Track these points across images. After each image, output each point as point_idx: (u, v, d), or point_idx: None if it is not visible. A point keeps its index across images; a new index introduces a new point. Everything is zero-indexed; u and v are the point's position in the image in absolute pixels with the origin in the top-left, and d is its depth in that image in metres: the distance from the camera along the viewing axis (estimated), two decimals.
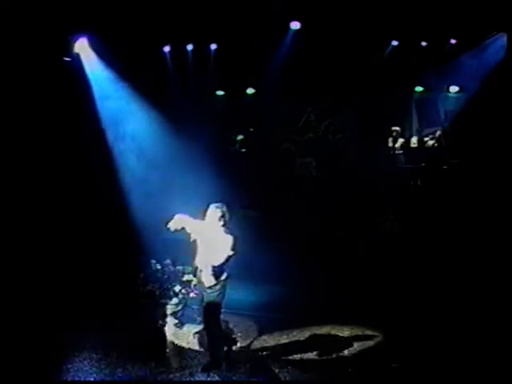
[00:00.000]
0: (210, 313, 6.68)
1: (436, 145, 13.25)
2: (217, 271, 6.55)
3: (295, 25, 12.05)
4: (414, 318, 8.26)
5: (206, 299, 6.67)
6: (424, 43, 12.50)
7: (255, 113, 13.94)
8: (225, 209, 6.69)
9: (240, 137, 14.56)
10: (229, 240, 6.55)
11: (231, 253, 6.54)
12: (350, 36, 11.65)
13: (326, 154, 14.15)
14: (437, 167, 12.73)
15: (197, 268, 6.76)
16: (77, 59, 11.27)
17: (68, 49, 10.98)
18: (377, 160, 13.24)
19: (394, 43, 12.59)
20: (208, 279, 6.60)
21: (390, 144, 13.62)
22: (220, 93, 14.10)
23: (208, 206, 6.72)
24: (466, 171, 11.94)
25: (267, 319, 8.65)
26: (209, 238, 6.62)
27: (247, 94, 14.06)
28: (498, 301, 8.53)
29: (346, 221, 11.98)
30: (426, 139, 13.42)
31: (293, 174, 13.95)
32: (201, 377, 6.67)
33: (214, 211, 6.64)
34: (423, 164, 12.97)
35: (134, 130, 11.73)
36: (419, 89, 13.50)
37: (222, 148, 13.83)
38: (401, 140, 13.62)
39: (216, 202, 6.78)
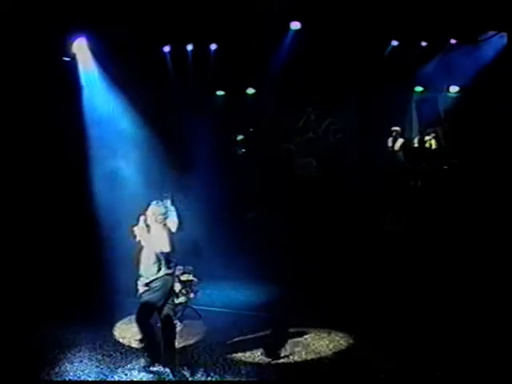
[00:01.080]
0: (143, 312, 6.68)
1: (435, 145, 13.27)
2: (154, 267, 6.61)
3: (295, 25, 12.04)
4: (413, 321, 8.24)
5: (142, 298, 6.67)
6: (424, 43, 12.52)
7: (255, 113, 13.94)
8: (163, 207, 6.78)
9: (240, 137, 14.58)
10: (164, 237, 6.64)
11: (166, 249, 6.60)
12: (350, 36, 11.65)
13: (326, 154, 14.16)
14: (437, 167, 12.74)
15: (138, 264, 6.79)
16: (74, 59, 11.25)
17: (67, 49, 10.94)
18: (377, 160, 13.25)
19: (394, 43, 12.60)
20: (146, 274, 6.67)
21: (390, 144, 13.63)
22: (220, 93, 14.11)
23: (149, 204, 6.80)
24: (466, 171, 11.95)
25: (261, 318, 8.64)
26: (150, 234, 6.71)
27: (247, 94, 14.07)
28: (498, 301, 8.53)
29: (345, 221, 11.97)
30: (426, 138, 13.43)
31: (293, 174, 13.95)
32: (201, 377, 6.68)
33: (154, 209, 6.74)
34: (423, 164, 12.99)
35: (124, 132, 11.54)
36: (419, 89, 13.51)
37: (222, 148, 13.82)
38: (401, 140, 13.63)
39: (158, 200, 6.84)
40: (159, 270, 6.65)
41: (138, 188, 10.24)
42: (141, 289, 6.81)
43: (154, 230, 6.71)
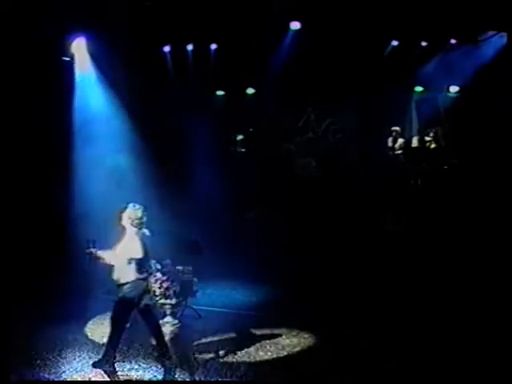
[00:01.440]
0: (120, 309, 6.63)
1: (435, 145, 13.27)
2: (125, 271, 6.55)
3: (295, 25, 12.04)
4: (413, 321, 8.23)
5: (119, 295, 6.62)
6: (424, 43, 12.52)
7: (255, 113, 13.93)
8: (141, 210, 6.66)
9: (240, 137, 14.58)
10: (135, 243, 6.56)
11: (138, 255, 6.53)
12: (350, 36, 11.65)
13: (326, 154, 14.16)
14: (437, 167, 12.74)
15: (113, 266, 6.70)
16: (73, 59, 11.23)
17: (66, 48, 10.94)
18: (377, 160, 13.25)
19: (394, 43, 12.60)
20: (117, 276, 6.62)
21: (390, 144, 13.64)
22: (220, 93, 14.10)
23: (127, 206, 6.70)
24: (466, 171, 11.95)
25: (260, 319, 8.63)
26: (124, 237, 6.65)
27: (247, 94, 14.06)
28: (498, 301, 8.52)
29: (345, 221, 11.97)
30: (426, 139, 13.43)
31: (293, 174, 13.95)
32: (201, 377, 6.67)
33: (131, 212, 6.64)
34: (423, 164, 12.99)
35: (117, 132, 11.40)
36: (419, 89, 13.51)
37: (222, 148, 13.83)
38: (401, 140, 13.64)
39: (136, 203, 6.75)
40: (131, 275, 6.56)
41: (131, 189, 10.19)
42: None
43: (129, 234, 6.61)
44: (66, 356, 7.15)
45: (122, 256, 6.58)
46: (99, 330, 7.97)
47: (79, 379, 6.63)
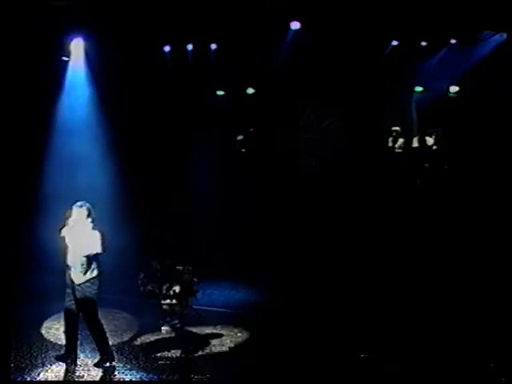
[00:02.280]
0: (88, 309, 6.65)
1: (435, 147, 13.27)
2: (86, 268, 6.58)
3: (295, 25, 12.04)
4: (413, 322, 8.23)
5: (78, 296, 6.62)
6: (424, 43, 12.52)
7: (255, 113, 13.93)
8: (89, 206, 6.72)
9: (240, 137, 14.57)
10: (96, 237, 6.61)
11: (99, 250, 6.59)
12: (351, 36, 11.65)
13: (326, 154, 14.16)
14: (437, 167, 12.75)
15: (67, 266, 6.70)
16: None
17: (64, 48, 10.95)
18: (377, 160, 13.25)
19: (394, 43, 12.60)
20: (77, 276, 6.61)
21: (390, 144, 13.64)
22: (220, 93, 14.10)
23: (71, 206, 6.72)
24: (466, 171, 11.96)
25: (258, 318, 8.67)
26: (77, 236, 6.63)
27: (247, 94, 14.06)
28: (499, 302, 8.53)
29: (345, 221, 11.97)
30: (426, 139, 13.44)
31: (293, 174, 13.94)
32: (201, 376, 6.67)
33: (80, 210, 6.67)
34: (423, 164, 12.99)
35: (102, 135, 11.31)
36: (419, 89, 13.52)
37: (222, 148, 13.82)
38: (401, 140, 13.65)
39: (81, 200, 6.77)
40: (92, 271, 6.59)
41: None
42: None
43: (84, 231, 6.60)
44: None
45: (79, 253, 6.57)
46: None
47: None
